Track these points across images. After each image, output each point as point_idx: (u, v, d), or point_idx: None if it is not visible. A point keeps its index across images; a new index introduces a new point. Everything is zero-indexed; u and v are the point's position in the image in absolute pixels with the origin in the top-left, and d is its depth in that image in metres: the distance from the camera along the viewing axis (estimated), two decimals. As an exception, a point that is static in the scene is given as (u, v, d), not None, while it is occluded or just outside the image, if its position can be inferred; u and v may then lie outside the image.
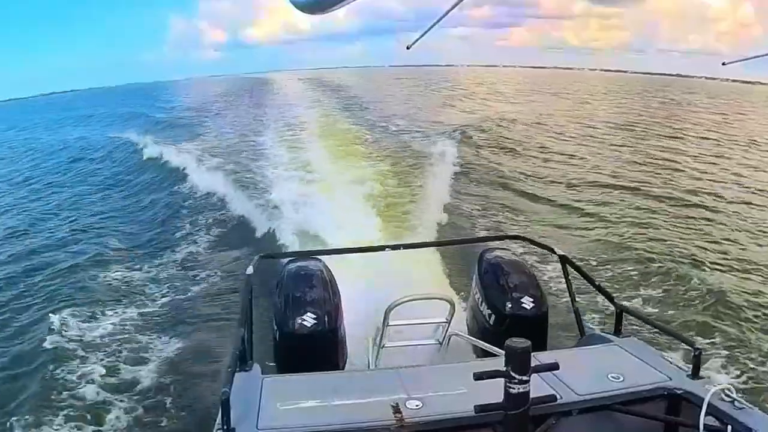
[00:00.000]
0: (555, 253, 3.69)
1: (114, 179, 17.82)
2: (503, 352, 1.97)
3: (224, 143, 21.16)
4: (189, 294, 8.14)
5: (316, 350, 3.17)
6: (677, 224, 11.30)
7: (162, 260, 9.66)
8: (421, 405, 2.31)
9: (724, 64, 2.35)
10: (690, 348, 2.54)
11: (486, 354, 3.33)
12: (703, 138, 24.79)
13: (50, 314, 7.38)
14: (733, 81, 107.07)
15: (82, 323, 7.07)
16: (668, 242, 9.93)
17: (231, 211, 11.98)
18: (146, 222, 12.48)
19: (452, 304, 3.52)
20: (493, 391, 1.98)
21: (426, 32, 1.98)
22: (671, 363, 2.66)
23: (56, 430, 5.07)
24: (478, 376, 1.98)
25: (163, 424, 5.17)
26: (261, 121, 26.51)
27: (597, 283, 3.34)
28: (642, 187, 14.57)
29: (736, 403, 2.22)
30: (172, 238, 10.97)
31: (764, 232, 11.21)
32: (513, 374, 1.92)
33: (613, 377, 2.52)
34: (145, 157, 19.23)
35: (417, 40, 2.05)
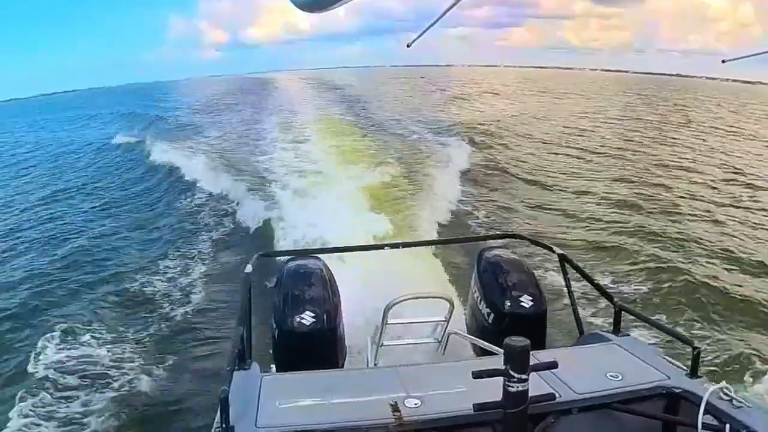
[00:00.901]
0: (554, 252, 3.69)
1: (112, 178, 17.82)
2: (502, 350, 1.97)
3: (226, 140, 21.24)
4: (188, 293, 8.13)
5: (315, 349, 3.17)
6: (676, 222, 11.31)
7: (160, 259, 9.64)
8: (420, 403, 2.31)
9: (723, 61, 2.35)
10: (689, 347, 2.54)
11: (485, 353, 3.33)
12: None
13: (48, 313, 7.40)
14: (734, 81, 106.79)
15: (79, 322, 7.06)
16: (668, 240, 9.93)
17: (230, 209, 11.99)
18: (144, 221, 12.46)
19: (451, 303, 3.52)
20: (492, 390, 1.98)
21: (425, 30, 1.98)
22: (670, 362, 2.66)
23: (54, 429, 5.07)
24: (477, 375, 1.97)
25: (162, 423, 5.17)
26: (262, 118, 26.60)
27: (596, 282, 3.34)
28: (640, 184, 14.66)
29: (734, 401, 2.22)
30: (170, 236, 10.96)
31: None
32: (512, 373, 1.92)
33: (611, 376, 2.52)
34: (143, 156, 19.23)
35: (417, 38, 2.05)
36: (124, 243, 10.79)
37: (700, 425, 2.13)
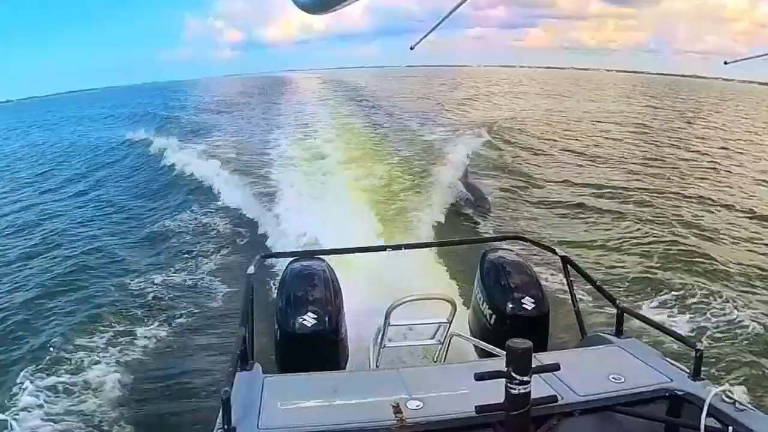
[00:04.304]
0: (557, 253, 3.69)
1: (112, 177, 17.85)
2: (504, 352, 1.97)
3: (234, 138, 21.36)
4: (189, 293, 8.14)
5: (317, 350, 3.18)
6: (681, 225, 11.27)
7: (162, 260, 9.66)
8: (422, 405, 2.31)
9: (726, 63, 2.34)
10: (691, 349, 2.54)
11: (487, 354, 3.33)
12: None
13: (48, 313, 7.42)
14: (750, 82, 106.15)
15: (79, 322, 7.07)
16: (673, 243, 9.90)
17: (232, 209, 12.00)
18: (146, 222, 12.47)
19: (453, 305, 3.52)
20: (494, 392, 1.98)
21: (429, 33, 1.98)
22: (672, 364, 2.66)
23: (54, 430, 5.08)
24: (479, 377, 1.98)
25: (163, 424, 5.17)
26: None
27: (598, 284, 3.33)
28: (642, 188, 14.64)
29: (737, 404, 2.21)
30: (172, 237, 10.97)
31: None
32: (514, 375, 1.92)
33: (614, 378, 2.52)
34: (149, 154, 19.30)
35: (420, 40, 2.05)
36: (124, 243, 10.80)
37: (702, 428, 2.13)
